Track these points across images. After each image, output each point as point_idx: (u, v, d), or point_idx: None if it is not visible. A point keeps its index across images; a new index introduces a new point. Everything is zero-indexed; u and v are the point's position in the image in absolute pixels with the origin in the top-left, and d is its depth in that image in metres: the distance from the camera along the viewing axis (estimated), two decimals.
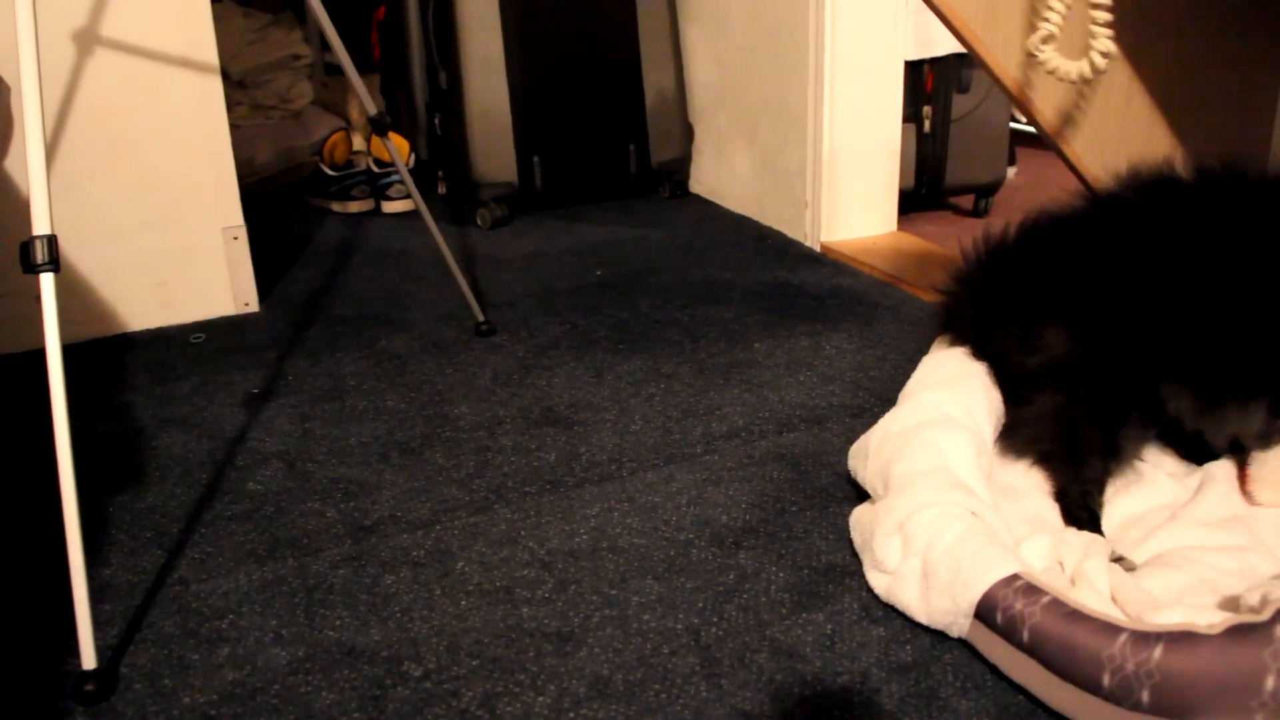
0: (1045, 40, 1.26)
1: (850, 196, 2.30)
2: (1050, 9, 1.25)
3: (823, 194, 2.26)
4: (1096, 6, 1.23)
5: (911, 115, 2.57)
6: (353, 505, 1.31)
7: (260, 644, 1.07)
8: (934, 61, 2.56)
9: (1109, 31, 1.23)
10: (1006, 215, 2.78)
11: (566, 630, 1.08)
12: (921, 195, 2.65)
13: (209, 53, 1.86)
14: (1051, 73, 1.27)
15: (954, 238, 2.53)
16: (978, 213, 2.77)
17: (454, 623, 1.09)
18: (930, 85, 2.60)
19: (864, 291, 2.00)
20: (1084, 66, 1.25)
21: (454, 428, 1.50)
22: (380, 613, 1.11)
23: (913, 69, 2.50)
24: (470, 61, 2.46)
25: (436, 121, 2.68)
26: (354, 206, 2.67)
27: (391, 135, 2.66)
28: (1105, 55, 1.23)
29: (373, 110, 1.76)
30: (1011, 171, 2.92)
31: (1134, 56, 1.44)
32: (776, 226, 2.42)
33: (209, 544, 1.24)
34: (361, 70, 1.79)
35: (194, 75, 1.86)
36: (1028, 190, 2.97)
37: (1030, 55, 1.32)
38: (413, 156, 2.80)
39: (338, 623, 1.10)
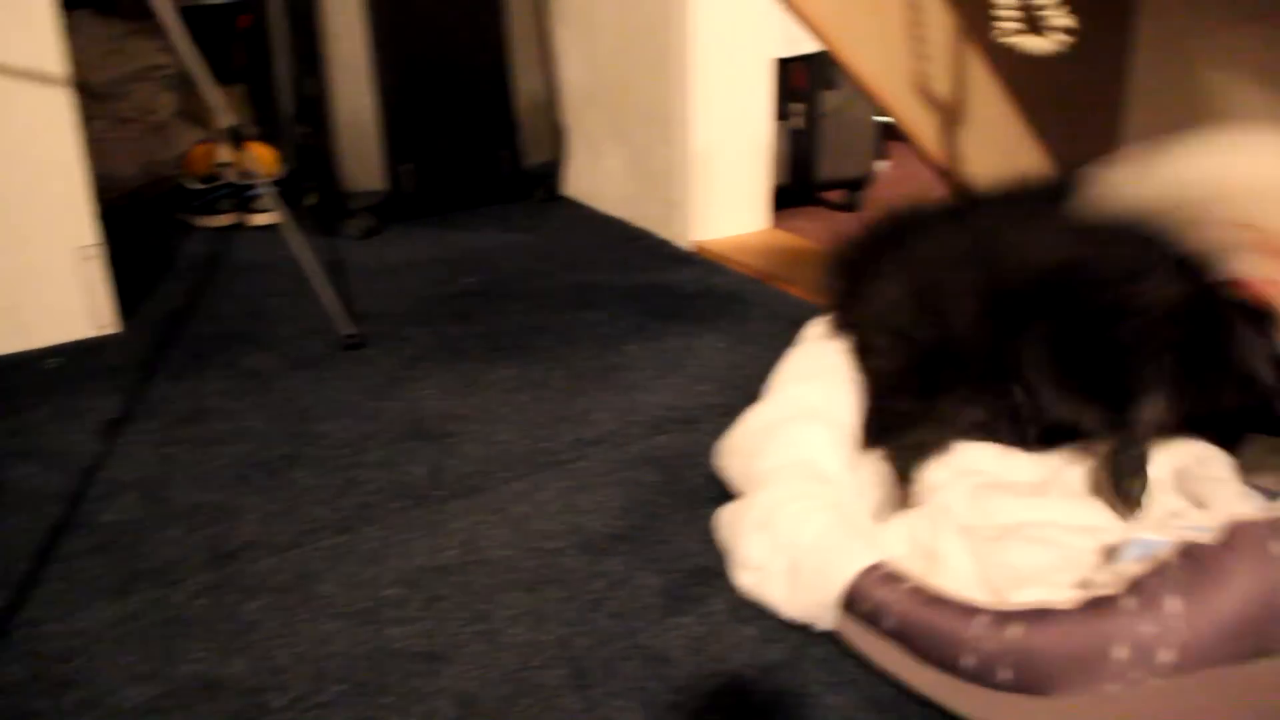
0: (1015, 34, 1.30)
1: (722, 195, 2.31)
2: (1007, 6, 1.29)
3: (694, 193, 2.27)
4: None
5: (782, 112, 2.59)
6: (213, 532, 1.27)
7: (114, 684, 1.02)
8: (804, 59, 2.58)
9: (1063, 9, 1.27)
10: (877, 208, 2.82)
11: (434, 649, 1.06)
12: (794, 191, 2.67)
13: (56, 63, 1.79)
14: (1028, 52, 1.31)
15: (825, 232, 2.55)
16: (848, 207, 2.81)
17: (318, 648, 1.07)
18: (800, 82, 2.62)
19: (737, 289, 2.01)
20: (1051, 42, 1.29)
21: (319, 445, 1.47)
22: (242, 642, 1.08)
23: (782, 66, 2.52)
24: (336, 68, 2.41)
25: (304, 131, 2.62)
26: (220, 220, 2.59)
27: (257, 146, 2.60)
28: (1068, 30, 1.27)
29: (229, 121, 1.72)
30: (882, 166, 2.96)
31: (990, 54, 1.46)
32: (649, 227, 2.41)
33: (60, 580, 1.19)
34: (226, 80, 1.74)
35: (41, 88, 1.78)
36: (898, 184, 3.01)
37: (900, 62, 1.35)
38: (281, 167, 2.74)
39: (197, 656, 1.06)
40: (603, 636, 1.07)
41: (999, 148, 1.49)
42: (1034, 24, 1.29)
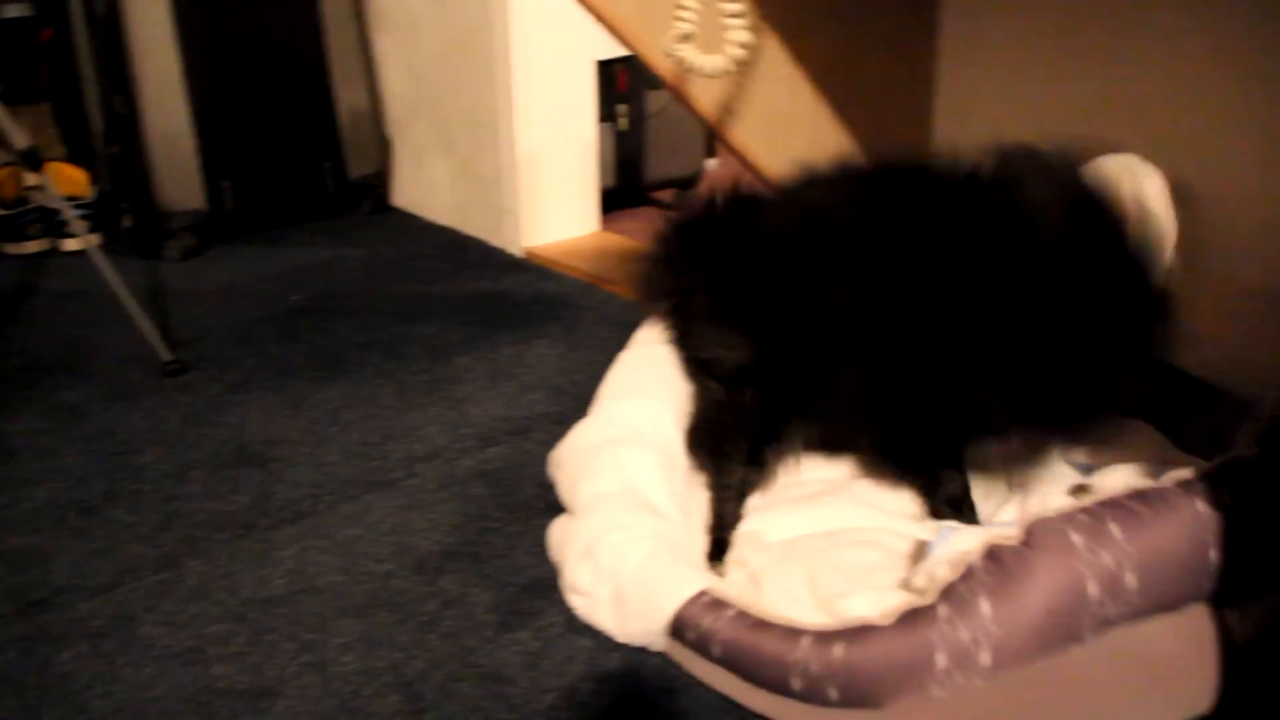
0: (684, 39, 1.26)
1: (550, 199, 2.31)
2: (683, 7, 1.25)
3: (522, 199, 2.26)
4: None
5: (607, 114, 2.59)
6: (23, 579, 1.21)
7: None
8: (625, 60, 2.60)
9: (741, 22, 1.24)
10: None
11: (262, 684, 1.03)
12: (622, 193, 2.68)
13: None
14: (690, 69, 1.27)
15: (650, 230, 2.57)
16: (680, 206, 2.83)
17: (138, 693, 1.02)
18: (623, 83, 2.63)
19: (567, 295, 2.01)
20: (721, 60, 1.26)
21: (139, 479, 1.41)
22: (54, 696, 1.02)
23: (604, 68, 2.52)
24: (146, 84, 2.32)
25: (116, 150, 2.52)
26: (30, 247, 2.47)
27: (66, 167, 2.49)
28: (743, 46, 1.25)
29: (23, 143, 1.64)
30: (711, 163, 2.99)
31: (794, 43, 1.47)
32: (479, 235, 2.39)
33: None
34: (30, 98, 1.66)
35: None
36: (728, 182, 3.04)
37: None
38: (92, 188, 2.63)
39: (4, 715, 1.01)
40: (437, 659, 1.05)
41: (811, 140, 1.51)
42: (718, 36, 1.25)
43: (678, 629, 0.98)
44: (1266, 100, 1.20)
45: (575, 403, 1.53)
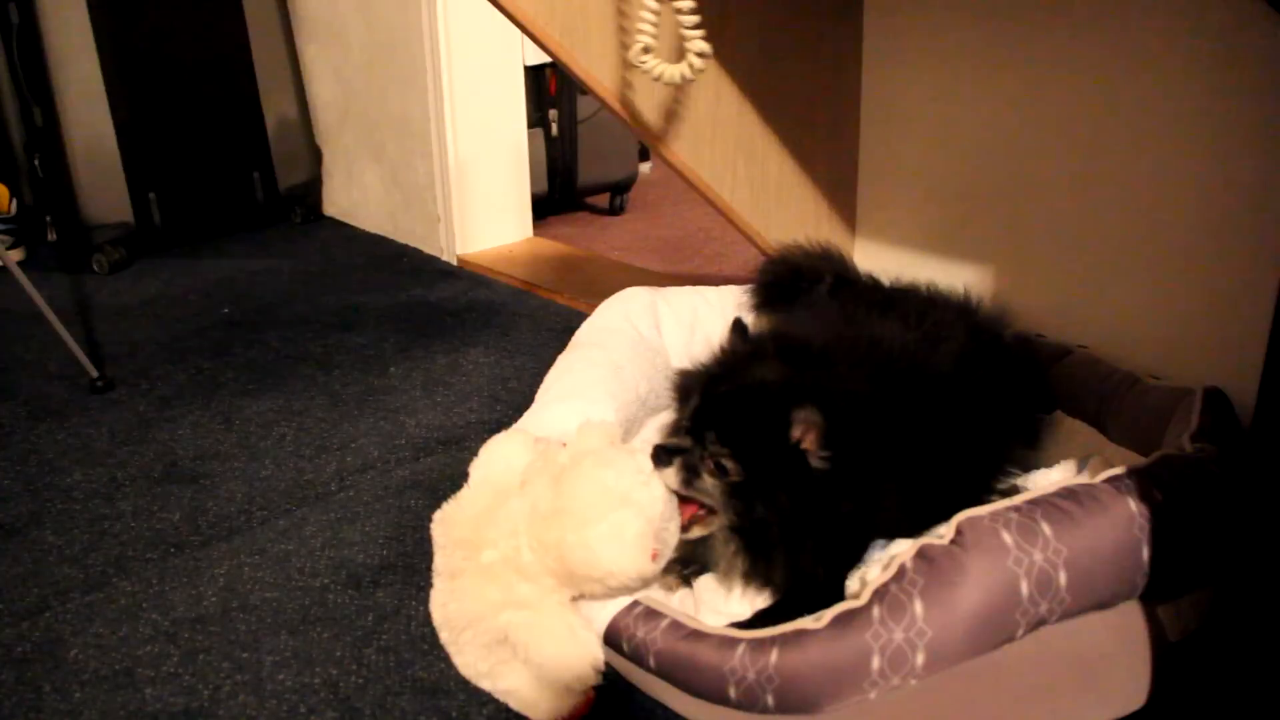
0: (645, 51, 1.27)
1: (483, 206, 2.30)
2: (643, 20, 1.27)
3: (454, 206, 2.25)
4: (681, 11, 1.26)
5: (538, 120, 2.59)
6: None
7: None
8: (555, 65, 2.59)
9: (700, 32, 1.26)
10: (643, 211, 2.86)
11: (195, 705, 1.01)
12: (555, 199, 2.68)
13: None
14: (657, 79, 1.28)
15: (592, 238, 2.57)
16: (614, 210, 2.83)
17: None
18: (553, 89, 2.63)
19: (501, 302, 2.00)
20: (684, 69, 1.27)
21: (66, 498, 1.38)
22: None
23: (534, 74, 2.52)
24: (66, 94, 2.28)
25: (37, 162, 2.47)
26: None
27: None
28: (701, 55, 1.26)
29: None
30: (645, 167, 3.00)
31: (719, 51, 1.47)
32: (412, 243, 2.38)
33: None
34: None
35: None
36: (662, 185, 3.06)
37: (631, 65, 1.34)
38: (13, 203, 2.57)
39: None
40: (373, 673, 1.04)
41: (733, 145, 1.51)
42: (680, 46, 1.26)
43: (613, 640, 0.97)
44: (1191, 111, 1.23)
45: (510, 410, 1.53)
